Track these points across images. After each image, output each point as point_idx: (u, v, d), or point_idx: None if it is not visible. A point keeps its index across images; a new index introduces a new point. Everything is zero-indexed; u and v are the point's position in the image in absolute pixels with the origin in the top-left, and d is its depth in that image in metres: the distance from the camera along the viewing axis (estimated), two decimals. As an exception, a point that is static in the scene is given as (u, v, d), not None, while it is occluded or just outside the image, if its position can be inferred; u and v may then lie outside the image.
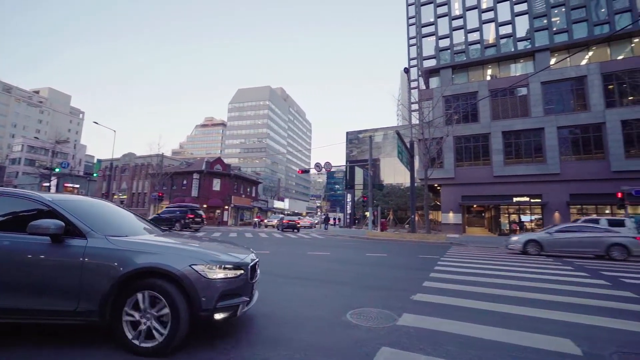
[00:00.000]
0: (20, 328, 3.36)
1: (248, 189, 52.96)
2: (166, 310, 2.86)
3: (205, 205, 42.63)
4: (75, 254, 2.94)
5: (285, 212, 78.50)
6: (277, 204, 77.09)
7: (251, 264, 3.49)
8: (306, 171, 29.87)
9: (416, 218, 27.50)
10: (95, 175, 38.61)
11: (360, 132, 72.62)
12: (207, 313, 2.95)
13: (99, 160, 42.82)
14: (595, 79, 28.00)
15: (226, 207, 45.25)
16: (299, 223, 29.24)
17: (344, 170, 60.04)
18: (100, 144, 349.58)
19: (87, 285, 2.88)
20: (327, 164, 26.58)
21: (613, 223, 15.53)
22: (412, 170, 22.49)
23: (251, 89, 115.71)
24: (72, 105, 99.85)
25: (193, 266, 2.99)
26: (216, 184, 44.94)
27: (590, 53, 32.74)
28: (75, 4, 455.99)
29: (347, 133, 73.25)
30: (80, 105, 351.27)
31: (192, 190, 43.10)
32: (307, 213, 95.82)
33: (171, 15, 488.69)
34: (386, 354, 3.08)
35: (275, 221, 37.47)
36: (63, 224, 2.97)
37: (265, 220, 43.25)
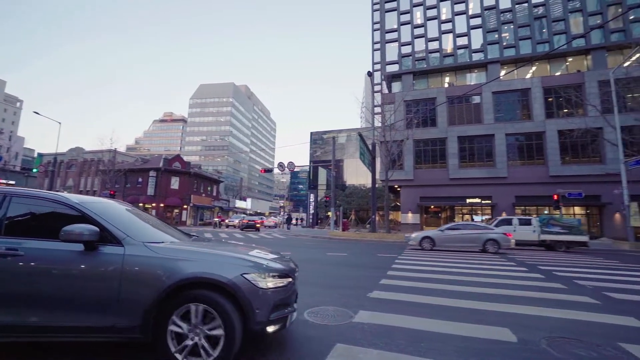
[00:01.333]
0: (52, 348, 2.94)
1: (209, 188, 51.23)
2: (218, 324, 2.58)
3: (162, 205, 40.60)
4: (113, 263, 2.62)
5: (248, 212, 77.04)
6: (239, 204, 75.41)
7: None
8: (269, 170, 29.58)
9: (377, 218, 28.28)
10: (35, 170, 35.19)
11: (324, 132, 73.38)
12: (260, 327, 2.70)
13: (40, 155, 39.19)
14: (537, 92, 30.67)
15: (185, 206, 43.43)
16: (258, 223, 29.70)
17: (308, 170, 60.30)
18: (44, 137, 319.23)
19: (126, 298, 2.56)
20: (291, 163, 26.50)
21: (523, 222, 17.13)
22: (373, 171, 23.09)
23: (214, 84, 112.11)
24: (7, 92, 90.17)
25: (245, 275, 2.73)
26: (174, 182, 42.97)
27: (534, 68, 35.81)
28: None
29: (312, 133, 73.82)
30: (19, 93, 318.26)
31: (148, 188, 40.83)
32: (270, 213, 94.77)
33: (129, 5, 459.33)
34: (340, 350, 3.13)
35: (237, 221, 36.74)
36: (98, 229, 2.67)
37: (227, 220, 42.17)
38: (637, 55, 21.43)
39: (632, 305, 5.14)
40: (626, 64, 22.56)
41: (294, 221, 51.98)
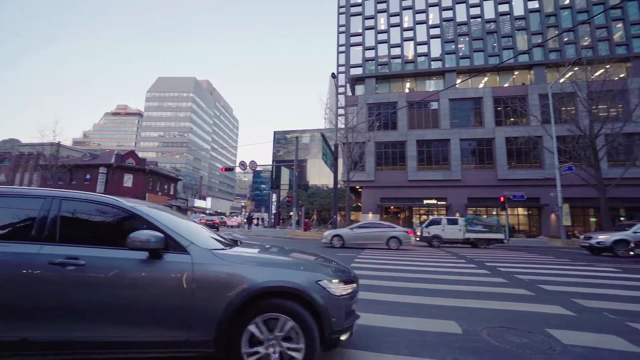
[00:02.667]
0: None
1: (166, 187, 48.80)
2: (297, 335, 2.45)
3: (112, 203, 37.95)
4: (182, 272, 2.43)
5: (207, 211, 74.52)
6: (199, 203, 72.72)
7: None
8: (230, 169, 28.82)
9: (338, 218, 28.70)
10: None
11: (287, 132, 72.87)
12: (336, 335, 2.58)
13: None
14: (488, 101, 32.98)
15: (138, 205, 40.93)
16: (217, 222, 29.53)
17: (270, 170, 59.62)
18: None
19: (200, 310, 2.37)
20: (253, 162, 26.04)
21: (450, 222, 18.52)
22: (335, 172, 23.40)
23: (173, 78, 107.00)
24: None
25: (319, 282, 2.61)
26: (128, 180, 40.39)
27: (486, 78, 38.47)
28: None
29: (275, 133, 72.87)
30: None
31: (98, 186, 37.97)
32: (231, 212, 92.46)
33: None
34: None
35: (196, 221, 35.45)
36: (163, 235, 2.46)
37: (185, 220, 40.41)
38: (570, 73, 23.81)
39: (560, 295, 5.71)
40: (561, 81, 24.98)
41: (255, 221, 51.14)
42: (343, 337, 2.65)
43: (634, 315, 4.51)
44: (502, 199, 23.30)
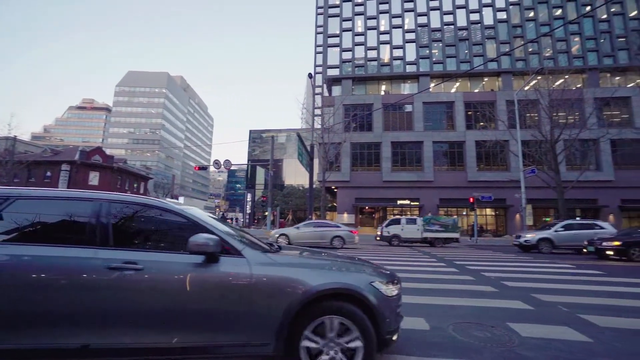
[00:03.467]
0: None
1: (135, 185, 46.87)
2: (355, 336, 2.44)
3: (76, 202, 35.94)
4: (241, 275, 2.42)
5: (180, 211, 72.17)
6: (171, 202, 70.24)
7: None
8: (203, 168, 28.09)
9: (314, 218, 28.78)
10: None
11: (263, 131, 72.22)
12: (390, 336, 2.60)
13: None
14: (460, 105, 34.27)
15: (105, 204, 39.04)
16: None
17: (246, 169, 58.84)
18: None
19: (259, 313, 2.37)
20: (227, 161, 25.54)
21: (409, 221, 19.12)
22: (311, 172, 23.43)
23: (145, 72, 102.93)
24: None
25: (373, 284, 2.63)
26: (93, 178, 38.41)
27: (458, 84, 39.92)
28: None
29: (250, 131, 72.11)
30: None
31: (60, 183, 35.83)
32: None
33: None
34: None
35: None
36: (219, 239, 2.43)
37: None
38: (534, 81, 25.22)
39: (521, 291, 6.04)
40: (526, 88, 26.40)
41: (229, 221, 50.19)
42: (394, 337, 2.69)
43: (583, 308, 4.86)
44: (471, 199, 24.26)
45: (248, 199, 47.27)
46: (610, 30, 38.26)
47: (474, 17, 40.60)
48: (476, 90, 38.29)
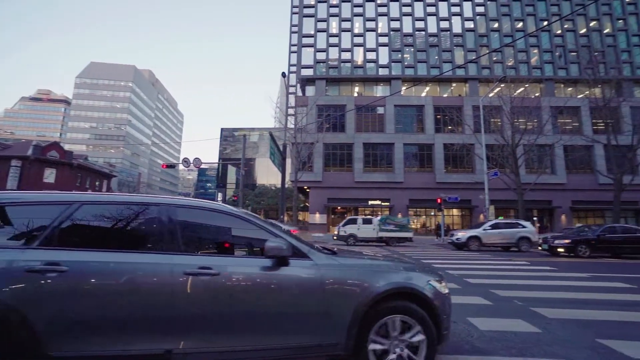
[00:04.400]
0: None
1: (97, 183, 44.33)
2: (418, 335, 2.52)
3: (29, 201, 33.39)
4: (310, 278, 2.47)
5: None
6: (136, 202, 67.16)
7: None
8: (171, 166, 27.03)
9: (285, 218, 28.63)
10: None
11: (235, 129, 70.63)
12: (447, 332, 2.72)
13: None
14: (429, 109, 35.46)
15: (63, 203, 36.58)
16: None
17: (217, 168, 57.49)
18: None
19: (330, 313, 2.42)
20: (197, 160, 24.80)
21: (365, 221, 19.68)
22: (283, 172, 23.28)
23: (110, 64, 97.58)
24: None
25: (430, 282, 2.73)
26: (49, 175, 35.88)
27: (428, 88, 41.29)
28: None
29: (222, 129, 70.00)
30: None
31: (9, 181, 33.10)
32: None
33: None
34: None
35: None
36: (291, 243, 2.51)
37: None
38: (497, 89, 26.65)
39: (481, 287, 6.37)
40: (490, 95, 27.81)
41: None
42: (448, 333, 2.83)
43: (535, 301, 5.23)
44: (438, 200, 25.16)
45: (219, 199, 46.12)
46: (563, 45, 41.17)
47: (444, 24, 42.19)
48: (445, 95, 39.83)
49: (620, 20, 42.00)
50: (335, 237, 19.27)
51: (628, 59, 40.63)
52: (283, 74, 24.48)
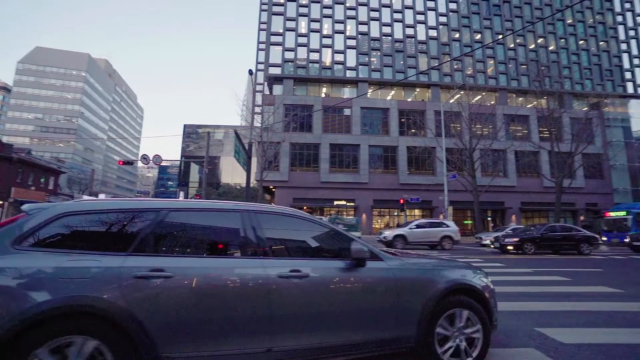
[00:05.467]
0: None
1: (42, 179, 40.71)
2: (475, 326, 2.81)
3: (-40, 198, 30.09)
4: (385, 277, 2.71)
5: (100, 209, 64.72)
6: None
7: None
8: (129, 162, 25.51)
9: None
10: None
11: (199, 126, 67.91)
12: (496, 323, 3.04)
13: None
14: (394, 112, 36.56)
15: (0, 202, 33.23)
16: None
17: (179, 165, 55.16)
18: None
19: (404, 309, 2.68)
20: (157, 157, 23.63)
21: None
22: (248, 171, 22.82)
23: (59, 50, 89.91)
24: None
25: (480, 278, 3.07)
26: (-16, 169, 32.37)
27: (393, 92, 42.55)
28: None
29: (185, 126, 66.96)
30: None
31: (-64, 174, 29.45)
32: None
33: None
34: None
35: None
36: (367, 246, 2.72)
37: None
38: (457, 95, 28.11)
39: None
40: (451, 101, 29.28)
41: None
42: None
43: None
44: (401, 201, 26.05)
45: (180, 198, 44.29)
46: (516, 58, 44.37)
47: (409, 31, 43.71)
48: (409, 100, 41.24)
49: (562, 39, 46.09)
50: None
51: (569, 74, 44.67)
52: (250, 72, 24.03)
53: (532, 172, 36.36)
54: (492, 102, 39.63)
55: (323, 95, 41.04)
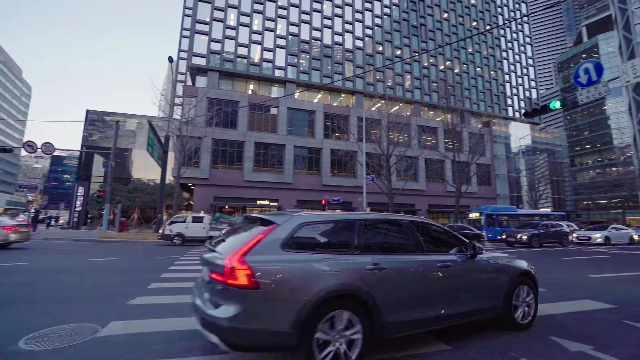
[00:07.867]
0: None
1: None
2: (531, 298, 4.21)
3: None
4: (488, 264, 3.99)
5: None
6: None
7: None
8: (8, 150, 20.93)
9: (165, 217, 25.90)
10: None
11: (107, 113, 59.31)
12: (537, 296, 4.47)
13: None
14: (320, 115, 37.51)
15: None
16: (7, 229, 20.70)
17: (78, 156, 47.77)
18: None
19: (497, 285, 3.94)
20: (48, 145, 20.08)
21: (195, 219, 18.18)
22: (164, 166, 21.06)
23: None
24: None
25: (531, 265, 4.45)
26: None
27: (320, 95, 43.71)
28: None
29: (88, 111, 57.13)
30: None
31: None
32: (8, 209, 68.38)
33: None
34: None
35: None
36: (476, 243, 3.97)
37: None
38: (378, 104, 30.25)
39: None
40: (372, 109, 31.36)
41: (51, 220, 40.06)
42: None
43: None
44: (323, 202, 26.89)
45: (79, 193, 38.09)
46: (428, 75, 49.78)
47: (338, 38, 45.46)
48: (335, 104, 42.84)
49: (465, 65, 53.40)
50: (159, 237, 17.44)
51: (468, 95, 51.89)
52: (170, 59, 22.24)
53: (438, 177, 41.03)
54: (408, 113, 43.65)
55: (250, 92, 40.00)
